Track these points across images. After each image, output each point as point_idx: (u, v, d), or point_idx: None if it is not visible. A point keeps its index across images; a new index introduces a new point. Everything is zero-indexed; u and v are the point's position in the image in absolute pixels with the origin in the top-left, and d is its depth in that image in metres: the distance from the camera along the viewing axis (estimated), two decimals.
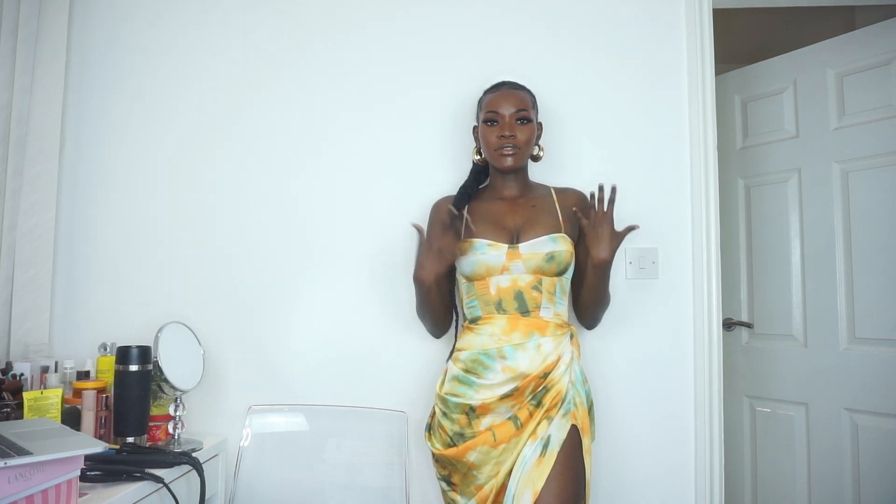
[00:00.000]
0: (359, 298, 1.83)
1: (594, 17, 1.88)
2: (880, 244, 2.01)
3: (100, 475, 1.27)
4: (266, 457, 1.75)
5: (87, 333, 1.81)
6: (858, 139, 2.07)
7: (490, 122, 1.59)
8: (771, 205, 2.30)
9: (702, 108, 1.83)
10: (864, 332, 2.04)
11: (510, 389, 1.46)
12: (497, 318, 1.51)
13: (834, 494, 2.07)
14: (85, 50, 1.91)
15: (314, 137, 1.88)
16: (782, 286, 2.25)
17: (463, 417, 1.49)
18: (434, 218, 1.65)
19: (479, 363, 1.49)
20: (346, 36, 1.90)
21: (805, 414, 2.17)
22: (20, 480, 1.01)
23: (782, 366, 2.24)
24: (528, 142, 1.59)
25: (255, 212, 1.87)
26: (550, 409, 1.45)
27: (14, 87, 1.77)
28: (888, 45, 2.03)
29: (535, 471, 1.39)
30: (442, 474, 1.55)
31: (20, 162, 1.78)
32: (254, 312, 1.84)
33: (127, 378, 1.51)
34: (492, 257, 1.51)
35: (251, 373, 1.82)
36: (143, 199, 1.88)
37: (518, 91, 1.62)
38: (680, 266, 1.83)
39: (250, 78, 1.90)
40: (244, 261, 1.85)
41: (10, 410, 1.46)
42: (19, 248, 1.76)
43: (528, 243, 1.52)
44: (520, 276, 1.51)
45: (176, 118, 1.90)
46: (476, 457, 1.46)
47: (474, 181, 1.70)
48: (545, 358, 1.47)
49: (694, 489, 1.77)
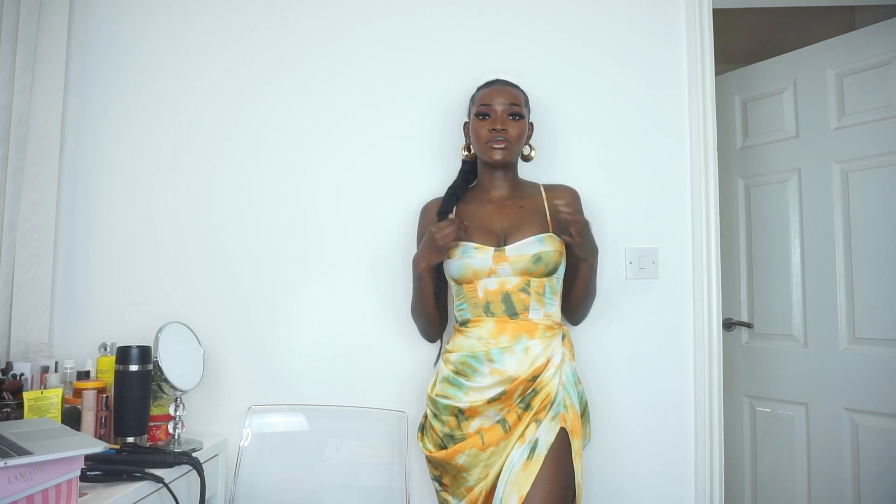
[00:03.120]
0: (359, 298, 1.83)
1: (593, 17, 1.88)
2: (880, 244, 2.01)
3: (100, 475, 1.27)
4: (266, 457, 1.75)
5: (87, 333, 1.81)
6: (858, 139, 2.07)
7: (482, 116, 1.59)
8: (771, 205, 2.30)
9: (702, 108, 1.83)
10: (864, 332, 2.04)
11: (498, 393, 1.46)
12: (485, 321, 1.51)
13: (834, 494, 2.07)
14: (85, 50, 1.92)
15: (313, 139, 1.88)
16: (782, 286, 2.25)
17: (452, 419, 1.49)
18: (423, 221, 1.68)
19: (468, 365, 1.49)
20: (342, 38, 1.90)
21: (805, 414, 2.17)
22: (20, 480, 1.01)
23: (782, 366, 2.24)
24: (519, 138, 1.59)
25: (255, 212, 1.87)
26: (539, 411, 1.45)
27: (14, 88, 1.77)
28: (888, 45, 2.02)
29: (522, 475, 1.38)
30: (434, 474, 1.55)
31: (20, 162, 1.78)
32: (254, 312, 1.84)
33: (127, 378, 1.51)
34: (478, 260, 1.51)
35: (251, 373, 1.82)
36: (143, 199, 1.88)
37: (511, 87, 1.63)
38: (680, 266, 1.83)
39: (249, 78, 1.90)
40: (244, 261, 1.85)
41: (10, 410, 1.46)
42: (19, 248, 1.76)
43: (514, 245, 1.52)
44: (507, 278, 1.50)
45: (176, 118, 1.90)
46: (465, 459, 1.46)
47: (463, 181, 1.70)
48: (534, 360, 1.47)
49: (694, 489, 1.77)
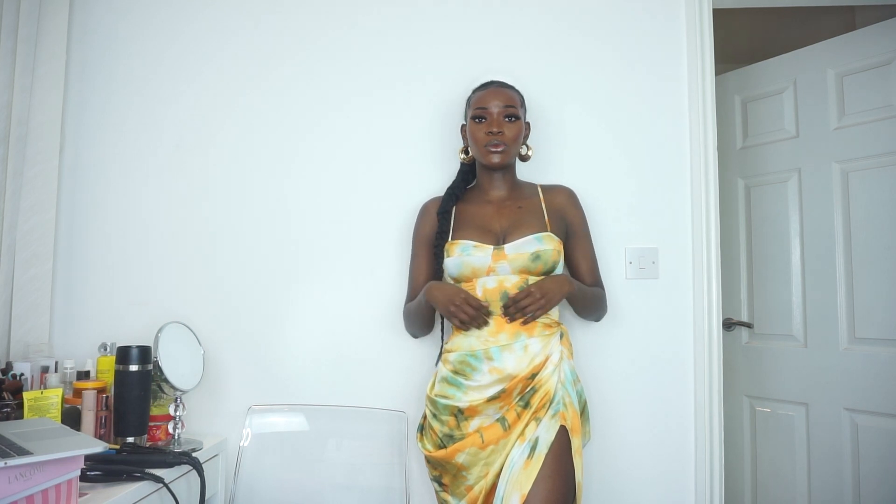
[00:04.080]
0: (359, 298, 1.83)
1: (593, 17, 1.88)
2: (880, 244, 2.01)
3: (100, 475, 1.27)
4: (266, 457, 1.75)
5: (87, 333, 1.81)
6: (858, 139, 2.07)
7: (478, 119, 1.60)
8: (771, 205, 2.30)
9: (702, 108, 1.83)
10: (864, 332, 2.04)
11: (497, 391, 1.46)
12: None
13: (834, 494, 2.06)
14: (85, 50, 1.92)
15: (313, 139, 1.88)
16: (782, 286, 2.25)
17: (452, 419, 1.49)
18: (421, 220, 1.68)
19: (467, 364, 1.49)
20: (341, 37, 1.90)
21: (805, 414, 2.17)
22: (20, 480, 1.01)
23: (782, 366, 2.24)
24: (516, 139, 1.60)
25: (254, 212, 1.87)
26: (538, 410, 1.45)
27: (14, 87, 1.77)
28: (888, 45, 2.02)
29: (523, 473, 1.38)
30: (433, 475, 1.55)
31: (20, 162, 1.78)
32: (254, 313, 1.84)
33: (127, 378, 1.51)
34: (477, 259, 1.51)
35: (251, 373, 1.82)
36: (143, 199, 1.88)
37: (506, 89, 1.63)
38: (680, 266, 1.83)
39: (248, 78, 1.90)
40: (245, 261, 1.85)
41: (10, 410, 1.46)
42: (19, 248, 1.76)
43: (513, 244, 1.53)
44: (506, 276, 1.51)
45: (176, 118, 1.90)
46: (465, 458, 1.46)
47: (462, 182, 1.71)
48: (532, 358, 1.47)
49: (694, 489, 1.77)
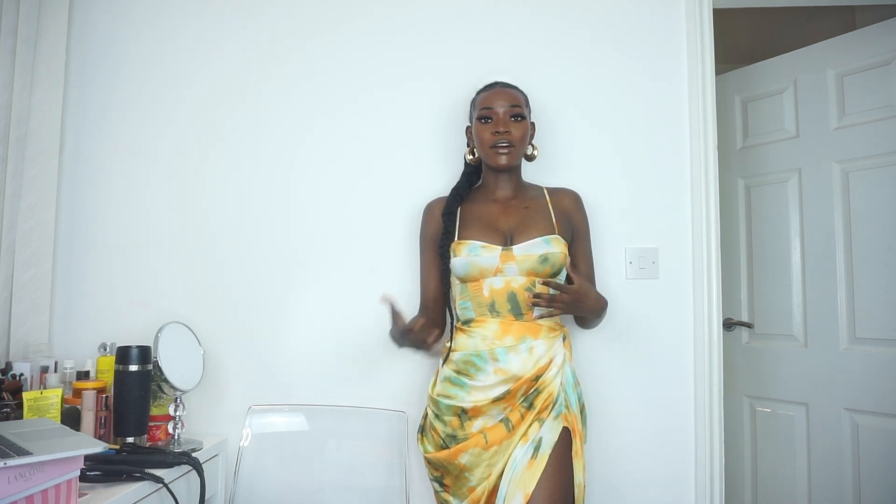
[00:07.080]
0: (359, 298, 1.83)
1: (593, 18, 1.88)
2: (880, 244, 2.01)
3: (100, 475, 1.27)
4: (266, 457, 1.75)
5: (87, 333, 1.81)
6: (858, 139, 2.07)
7: (484, 120, 1.60)
8: (771, 205, 2.30)
9: (702, 108, 1.83)
10: (864, 332, 2.04)
11: (502, 392, 1.46)
12: (490, 321, 1.51)
13: (834, 494, 2.06)
14: (85, 50, 1.91)
15: (314, 139, 1.88)
16: (782, 286, 2.25)
17: (455, 420, 1.49)
18: (427, 222, 1.68)
19: (471, 364, 1.49)
20: (342, 36, 1.90)
21: (805, 414, 2.17)
22: (20, 480, 1.01)
23: (782, 366, 2.24)
24: (523, 139, 1.59)
25: (254, 212, 1.87)
26: (542, 411, 1.45)
27: (14, 87, 1.77)
28: (888, 45, 2.02)
29: (527, 473, 1.38)
30: (434, 475, 1.55)
31: (20, 162, 1.78)
32: (254, 312, 1.84)
33: (127, 378, 1.51)
34: (485, 259, 1.51)
35: (251, 373, 1.82)
36: (143, 199, 1.88)
37: (511, 89, 1.63)
38: (680, 266, 1.83)
39: (249, 78, 1.90)
40: (244, 261, 1.85)
41: (10, 410, 1.46)
42: (19, 248, 1.76)
43: (522, 245, 1.52)
44: (513, 277, 1.50)
45: (175, 118, 1.90)
46: (468, 459, 1.46)
47: (466, 182, 1.70)
48: (537, 360, 1.47)
49: (694, 489, 1.77)
